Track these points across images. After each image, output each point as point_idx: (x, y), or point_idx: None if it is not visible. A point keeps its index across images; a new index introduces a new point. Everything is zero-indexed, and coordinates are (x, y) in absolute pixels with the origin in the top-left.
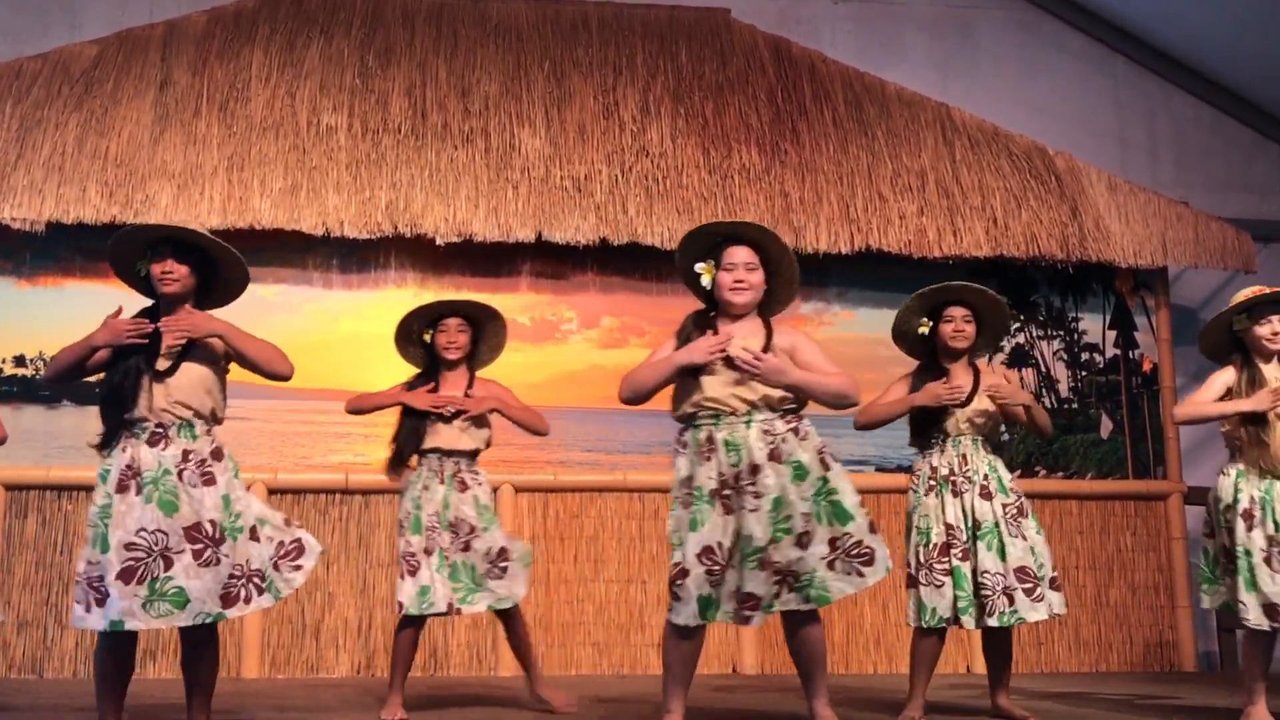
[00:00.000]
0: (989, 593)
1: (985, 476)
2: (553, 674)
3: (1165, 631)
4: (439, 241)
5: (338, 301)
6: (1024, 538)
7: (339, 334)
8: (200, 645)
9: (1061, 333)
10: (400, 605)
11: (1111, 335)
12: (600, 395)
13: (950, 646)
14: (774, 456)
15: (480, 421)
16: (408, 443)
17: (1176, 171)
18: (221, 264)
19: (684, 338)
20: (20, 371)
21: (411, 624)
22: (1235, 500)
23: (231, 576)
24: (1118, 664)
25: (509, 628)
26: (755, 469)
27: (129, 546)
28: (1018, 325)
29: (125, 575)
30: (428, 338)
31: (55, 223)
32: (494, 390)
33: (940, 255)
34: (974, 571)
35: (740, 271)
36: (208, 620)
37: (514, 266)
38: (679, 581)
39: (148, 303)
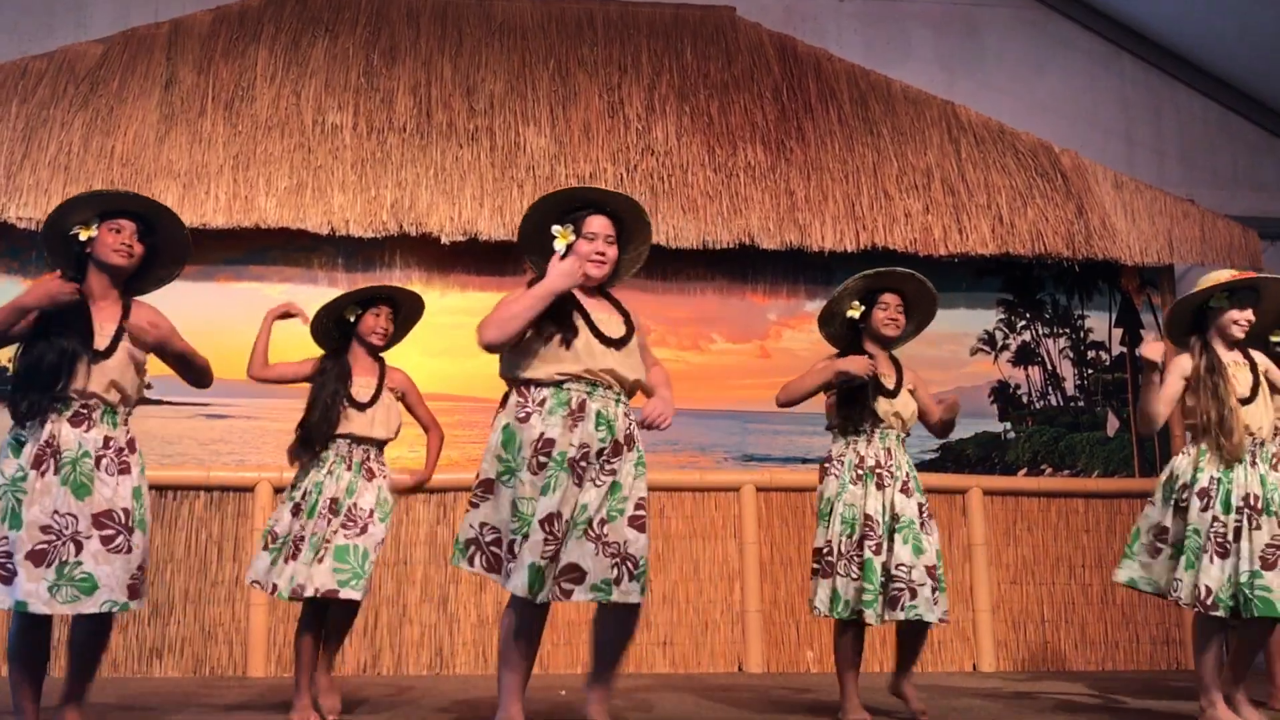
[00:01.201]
0: (900, 587)
1: (906, 473)
2: (559, 672)
3: (1172, 630)
4: (444, 240)
5: None
6: (933, 538)
7: None
8: (97, 633)
9: (1067, 330)
10: (272, 588)
11: (1118, 333)
12: None
13: (956, 644)
14: (628, 442)
15: (392, 414)
16: (320, 427)
17: (1183, 169)
18: (160, 251)
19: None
20: None
21: (317, 615)
22: (1194, 479)
23: (139, 568)
24: (1124, 662)
25: (348, 621)
26: (618, 448)
27: (44, 529)
28: (1023, 323)
29: (35, 557)
30: (351, 317)
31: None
32: (401, 381)
33: (946, 253)
34: (882, 567)
35: (600, 243)
36: (114, 609)
37: (518, 265)
38: (520, 545)
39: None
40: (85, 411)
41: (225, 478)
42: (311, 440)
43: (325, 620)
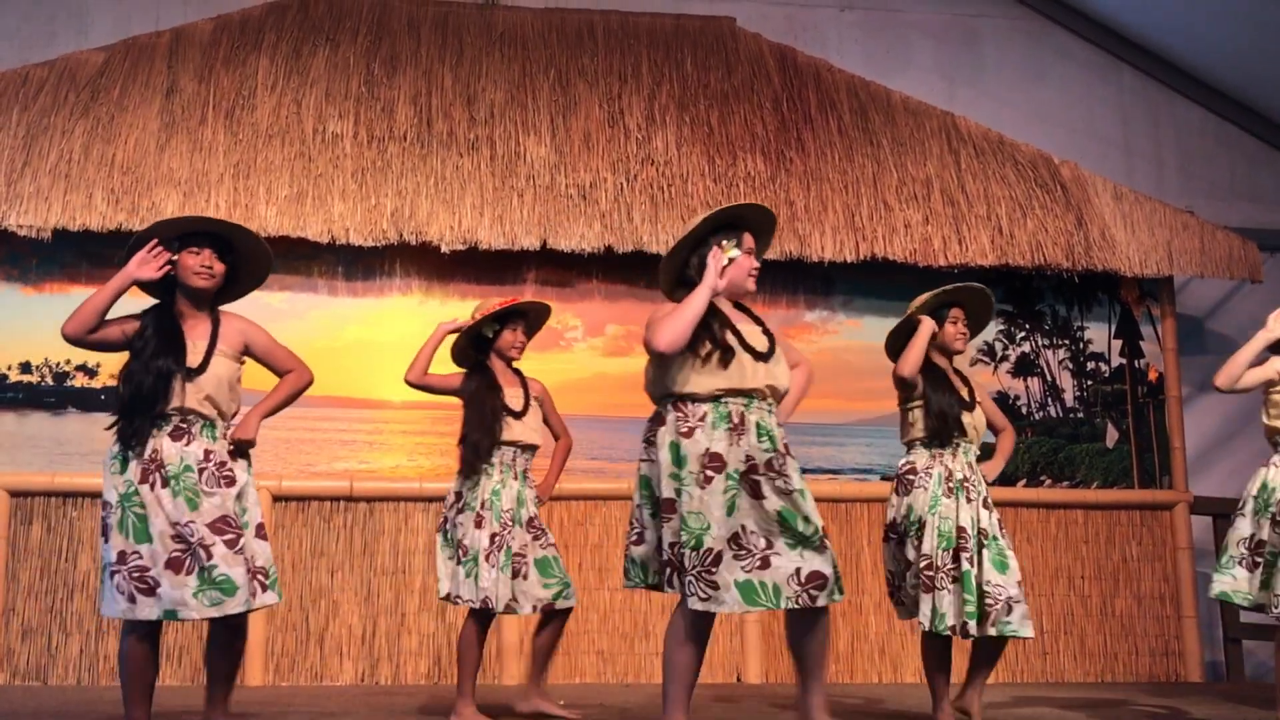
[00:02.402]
0: (992, 602)
1: (985, 489)
2: (557, 682)
3: (1171, 641)
4: (444, 249)
5: (343, 309)
6: (1015, 554)
7: (344, 341)
8: (236, 633)
9: (1067, 342)
10: (483, 600)
11: (1117, 344)
12: (605, 403)
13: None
14: (787, 450)
15: (540, 419)
16: (485, 440)
17: (1182, 180)
18: (243, 261)
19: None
20: (26, 378)
21: (480, 621)
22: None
23: (248, 570)
24: (1123, 674)
25: (555, 630)
26: (785, 456)
27: (175, 538)
28: (1023, 334)
29: (174, 565)
30: (490, 333)
31: (61, 230)
32: (540, 390)
33: (946, 264)
34: (978, 580)
35: (754, 258)
36: (250, 608)
37: (519, 274)
38: (712, 568)
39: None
40: (185, 426)
41: None
42: (479, 453)
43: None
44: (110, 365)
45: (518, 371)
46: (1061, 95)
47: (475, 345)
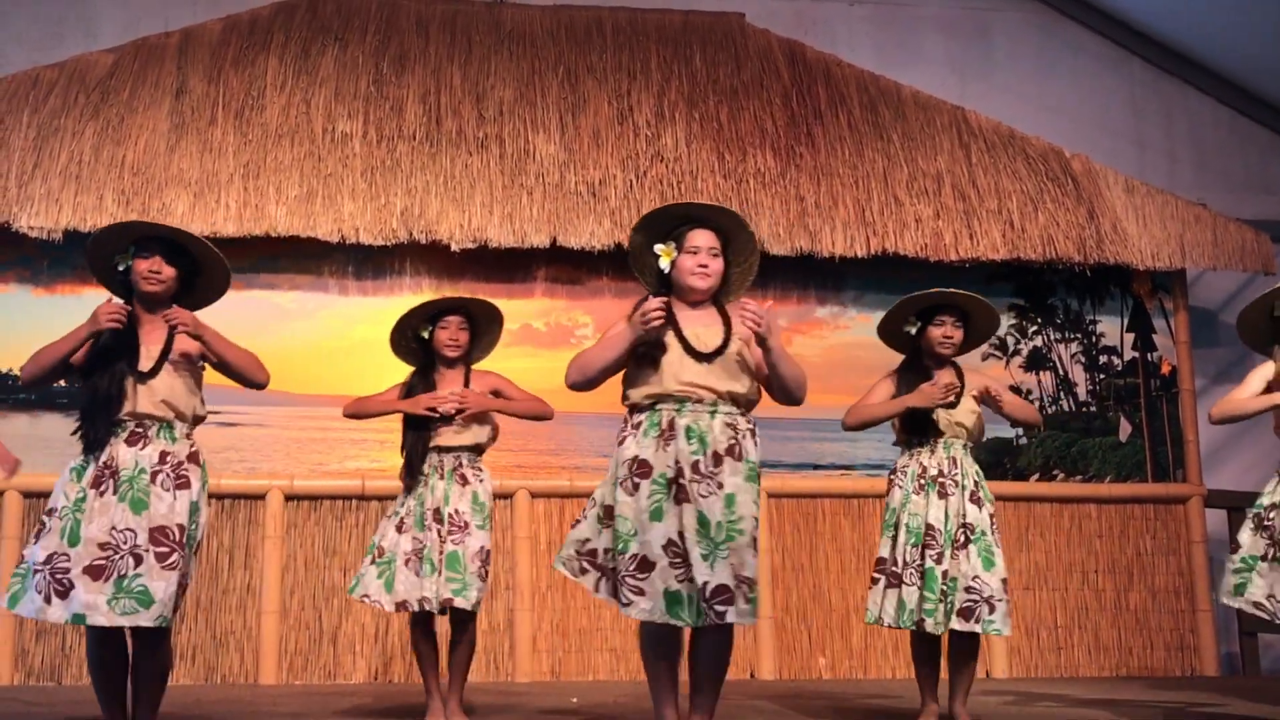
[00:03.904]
0: (975, 599)
1: (975, 482)
2: (570, 680)
3: (1186, 635)
4: (454, 248)
5: (353, 308)
6: (1001, 551)
7: (354, 340)
8: (155, 648)
9: (1079, 335)
10: (400, 605)
11: (1130, 338)
12: (616, 401)
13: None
14: (731, 453)
15: (480, 418)
16: (416, 450)
17: (1194, 173)
18: (204, 268)
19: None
20: None
21: (424, 622)
22: None
23: (179, 585)
24: (1138, 668)
25: (466, 633)
26: (719, 459)
27: (102, 545)
28: (1035, 328)
29: (94, 571)
30: (425, 334)
31: (72, 231)
32: (492, 382)
33: (957, 259)
34: (944, 575)
35: (704, 256)
36: (164, 624)
37: (529, 272)
38: (640, 574)
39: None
40: (140, 431)
41: (236, 486)
42: (414, 463)
43: (432, 624)
44: None
45: (467, 371)
46: (1073, 88)
47: (420, 346)
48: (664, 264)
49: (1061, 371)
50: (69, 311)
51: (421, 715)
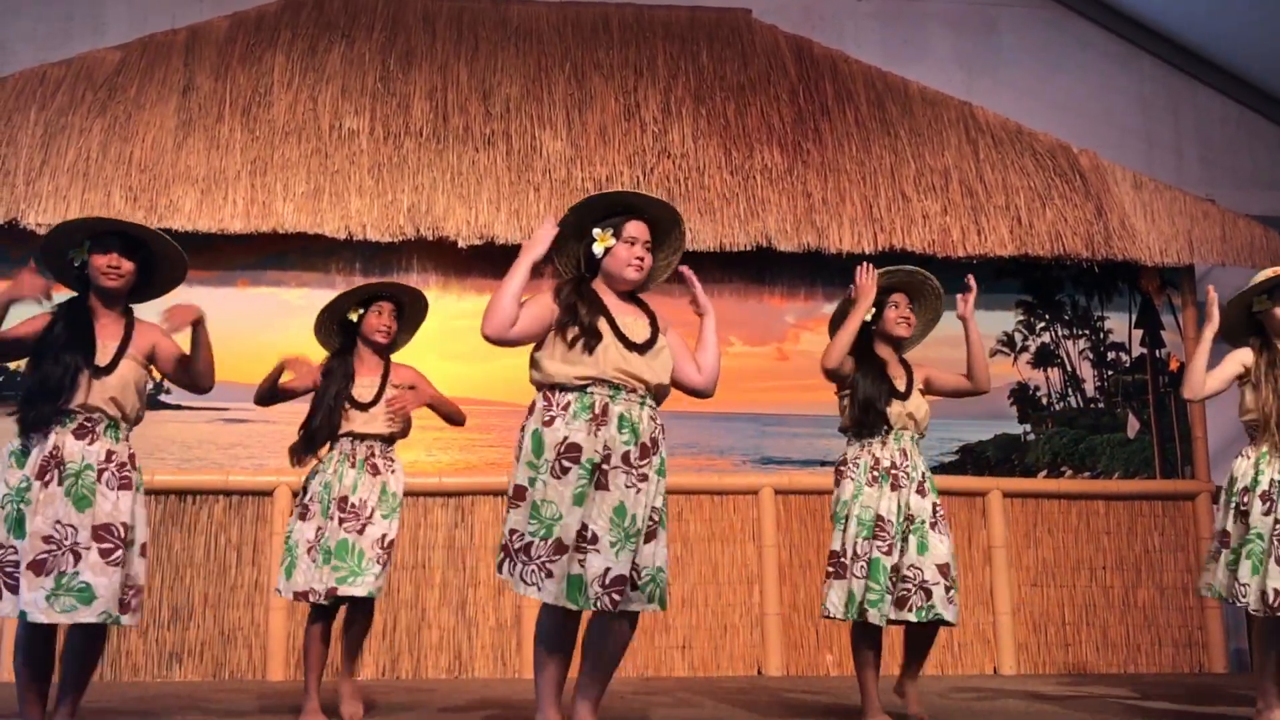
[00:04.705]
0: (910, 587)
1: (923, 474)
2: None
3: (1194, 632)
4: (461, 244)
5: None
6: (947, 538)
7: None
8: (92, 640)
9: (1087, 332)
10: (297, 594)
11: (1138, 334)
12: None
13: (976, 648)
14: (654, 445)
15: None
16: (322, 429)
17: (1202, 169)
18: (160, 261)
19: (567, 305)
20: None
21: (323, 618)
22: (1254, 483)
23: (125, 585)
24: (1146, 665)
25: (361, 620)
26: (646, 450)
27: (45, 539)
28: (1043, 324)
29: (36, 567)
30: (355, 317)
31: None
32: (410, 376)
33: (964, 255)
34: (895, 567)
35: (640, 248)
36: (109, 621)
37: (536, 268)
38: (554, 557)
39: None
40: (89, 425)
41: (244, 482)
42: (314, 441)
43: (332, 622)
44: None
45: (386, 360)
46: (1080, 84)
47: (342, 330)
48: (598, 249)
49: (1069, 368)
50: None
51: (422, 710)
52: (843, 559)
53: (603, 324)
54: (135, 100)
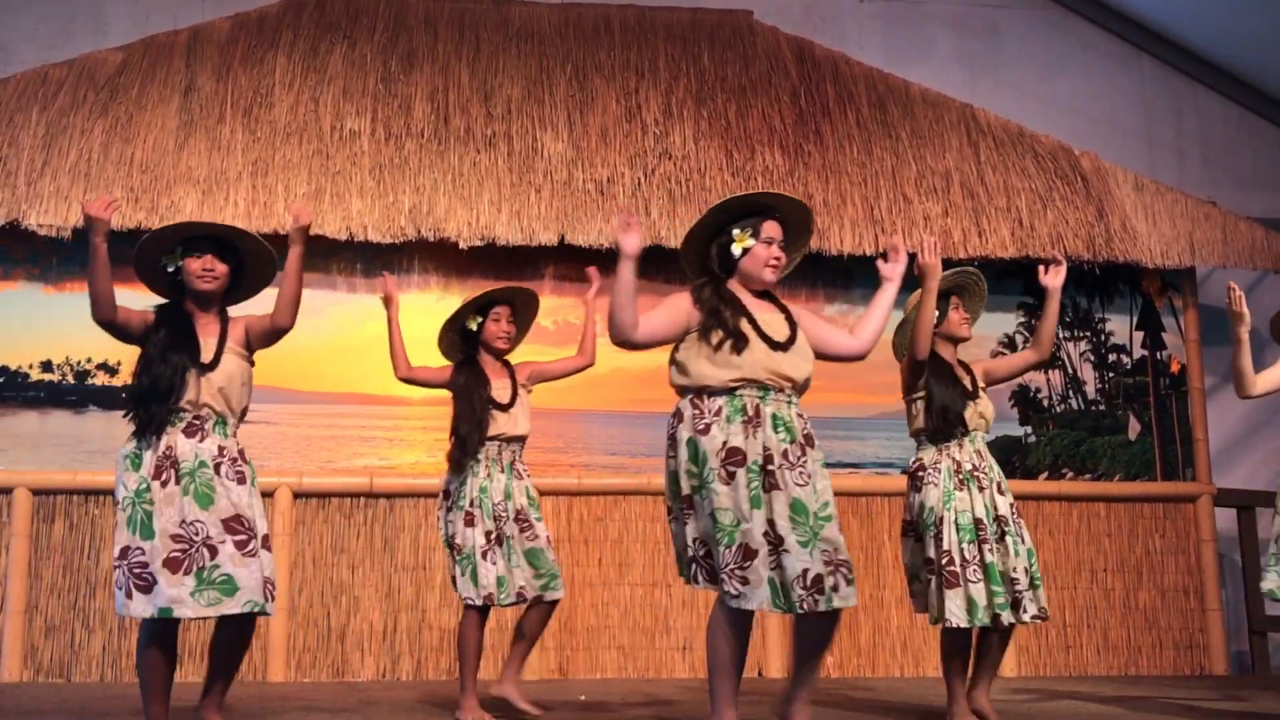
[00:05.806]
0: (1021, 589)
1: (998, 473)
2: (578, 678)
3: (1195, 635)
4: (462, 245)
5: (362, 305)
6: (1026, 534)
7: (363, 338)
8: (242, 631)
9: (1088, 334)
10: (485, 597)
11: (1139, 336)
12: (624, 398)
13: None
14: (809, 441)
15: (528, 408)
16: (473, 435)
17: (1204, 171)
18: (250, 261)
19: (711, 308)
20: (47, 377)
21: (481, 615)
22: None
23: (268, 577)
24: (1147, 667)
25: (542, 619)
26: (802, 447)
27: (174, 538)
28: None
29: (172, 564)
30: (475, 326)
31: (81, 229)
32: (528, 371)
33: (966, 256)
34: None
35: (776, 249)
36: (255, 610)
37: (537, 270)
38: (745, 563)
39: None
40: (198, 423)
41: None
42: (468, 445)
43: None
44: (132, 363)
45: (506, 363)
46: (1082, 86)
47: (464, 339)
48: (737, 249)
49: (1070, 370)
50: (78, 310)
51: (421, 712)
52: (950, 566)
53: (746, 325)
54: (137, 101)
